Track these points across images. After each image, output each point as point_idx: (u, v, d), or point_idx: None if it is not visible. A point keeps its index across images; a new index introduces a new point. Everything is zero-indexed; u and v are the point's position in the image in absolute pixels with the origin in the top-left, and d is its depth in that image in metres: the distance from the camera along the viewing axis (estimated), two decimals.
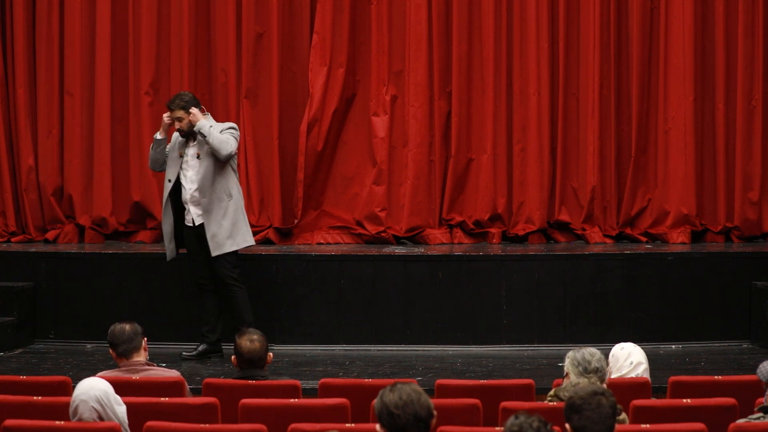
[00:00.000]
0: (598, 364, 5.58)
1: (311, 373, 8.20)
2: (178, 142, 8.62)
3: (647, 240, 10.04)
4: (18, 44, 10.09)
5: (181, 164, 8.56)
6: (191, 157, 8.55)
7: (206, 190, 8.50)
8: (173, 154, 8.61)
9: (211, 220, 8.51)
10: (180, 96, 8.67)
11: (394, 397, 4.10)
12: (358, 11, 10.10)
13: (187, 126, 8.53)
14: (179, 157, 8.57)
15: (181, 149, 8.58)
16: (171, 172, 8.60)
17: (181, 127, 8.55)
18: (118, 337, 6.12)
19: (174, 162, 8.60)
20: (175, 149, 8.61)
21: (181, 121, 8.53)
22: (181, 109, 8.53)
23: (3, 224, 10.17)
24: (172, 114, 8.55)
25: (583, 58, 10.02)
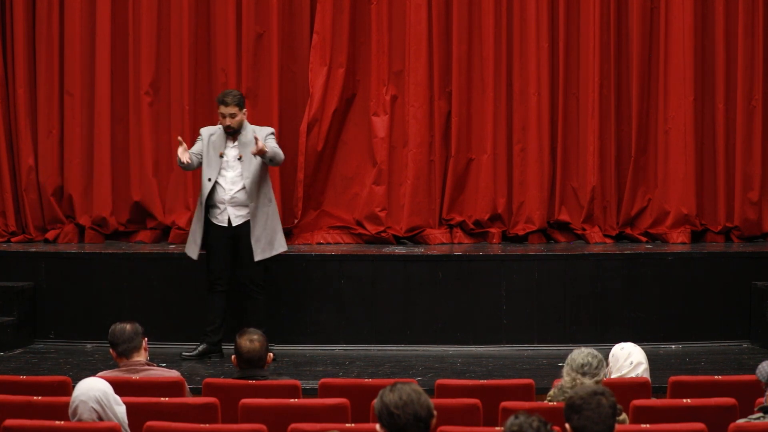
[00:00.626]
0: (595, 360, 5.58)
1: (311, 373, 8.20)
2: (215, 140, 8.57)
3: (647, 240, 10.04)
4: (18, 44, 10.09)
5: (220, 164, 8.53)
6: (232, 158, 8.53)
7: (253, 195, 8.52)
8: (211, 153, 8.56)
9: (257, 224, 8.53)
10: (232, 93, 8.67)
11: (394, 397, 4.10)
12: (358, 11, 10.10)
13: (237, 124, 8.52)
14: (219, 158, 8.52)
15: (220, 149, 8.55)
16: (211, 171, 8.55)
17: (231, 124, 8.52)
18: (119, 337, 6.13)
19: (214, 162, 8.54)
20: (212, 148, 8.57)
21: (233, 117, 8.52)
22: (236, 105, 8.54)
23: (3, 224, 10.17)
24: (227, 109, 8.51)
25: (583, 58, 10.02)
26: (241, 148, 8.54)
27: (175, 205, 10.09)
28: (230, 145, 8.58)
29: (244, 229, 8.55)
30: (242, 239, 8.55)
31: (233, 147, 8.58)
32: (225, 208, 8.54)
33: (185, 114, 10.02)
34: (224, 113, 8.55)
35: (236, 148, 8.57)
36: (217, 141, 8.60)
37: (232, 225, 8.54)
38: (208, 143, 8.60)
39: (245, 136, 8.60)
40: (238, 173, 8.53)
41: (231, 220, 8.55)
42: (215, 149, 8.58)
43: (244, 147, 8.53)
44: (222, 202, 8.54)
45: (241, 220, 8.55)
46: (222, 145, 8.58)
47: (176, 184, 10.10)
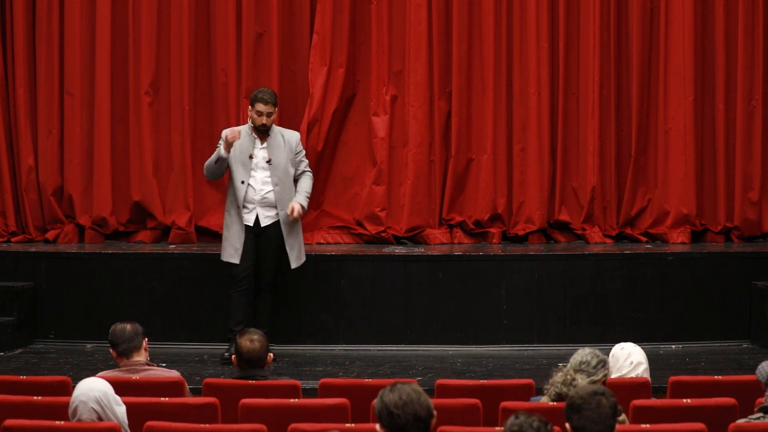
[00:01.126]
0: (595, 360, 5.58)
1: (311, 373, 8.20)
2: (242, 142, 8.47)
3: (647, 240, 10.04)
4: (18, 44, 10.08)
5: (250, 165, 8.49)
6: (261, 160, 8.49)
7: (283, 201, 8.53)
8: (240, 156, 8.49)
9: (291, 232, 8.54)
10: (268, 91, 8.65)
11: (394, 396, 4.10)
12: (358, 11, 10.10)
13: (270, 123, 8.51)
14: (249, 159, 8.48)
15: (249, 150, 8.50)
16: (243, 174, 8.49)
17: (266, 123, 8.49)
18: (119, 337, 6.13)
19: (244, 164, 8.49)
20: (240, 150, 8.48)
21: (270, 116, 8.50)
22: (273, 104, 8.54)
23: (3, 224, 10.17)
24: (265, 107, 8.47)
25: (583, 58, 10.02)
26: (270, 151, 8.51)
27: (175, 205, 10.09)
28: (259, 146, 8.53)
29: (272, 230, 8.52)
30: (268, 240, 8.52)
31: (262, 148, 8.53)
32: (254, 208, 8.50)
33: (185, 114, 10.01)
34: (262, 111, 8.48)
35: (265, 149, 8.53)
36: (245, 142, 8.53)
37: (260, 225, 8.50)
38: (235, 145, 8.48)
39: (274, 138, 8.57)
40: (267, 175, 8.49)
41: (260, 221, 8.51)
42: (243, 151, 8.51)
43: (272, 150, 8.50)
44: (251, 202, 8.49)
45: (269, 221, 8.53)
46: (250, 146, 8.52)
47: (176, 184, 10.10)
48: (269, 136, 8.58)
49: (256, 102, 8.55)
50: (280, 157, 8.54)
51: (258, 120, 8.52)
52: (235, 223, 8.54)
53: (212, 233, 10.11)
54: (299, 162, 8.72)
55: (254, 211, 8.52)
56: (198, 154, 10.12)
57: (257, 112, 8.52)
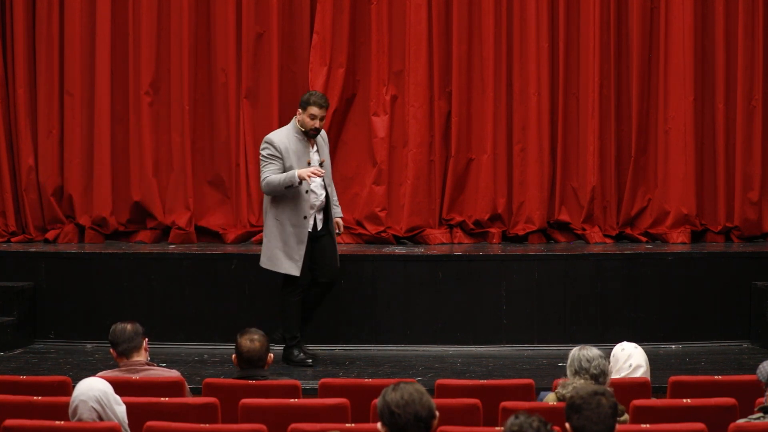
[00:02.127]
0: (596, 371, 5.57)
1: (311, 373, 8.20)
2: (295, 147, 8.31)
3: (647, 240, 10.04)
4: (18, 44, 10.08)
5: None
6: (316, 164, 8.36)
7: (331, 202, 8.48)
8: (294, 160, 8.29)
9: (333, 234, 8.51)
10: (323, 95, 8.56)
11: (396, 396, 4.10)
12: (358, 11, 10.10)
13: (321, 126, 8.42)
14: (308, 165, 8.32)
15: (305, 156, 8.34)
16: (306, 183, 8.24)
17: (317, 127, 8.35)
18: (119, 337, 6.14)
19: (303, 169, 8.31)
20: (297, 157, 8.31)
21: (322, 120, 8.40)
22: (327, 109, 8.48)
23: (3, 224, 10.17)
24: (321, 111, 8.32)
25: (583, 58, 10.02)
26: (321, 153, 8.45)
27: (175, 205, 10.09)
28: (312, 150, 8.42)
29: (323, 233, 8.45)
30: (320, 243, 8.42)
31: (315, 152, 8.43)
32: (313, 213, 8.39)
33: (185, 114, 10.02)
34: (316, 115, 8.30)
35: (317, 153, 8.44)
36: (298, 148, 8.34)
37: (317, 230, 8.41)
38: (288, 154, 8.30)
39: (318, 139, 8.49)
40: (322, 179, 8.40)
41: (317, 225, 8.42)
42: (299, 156, 8.32)
43: (321, 151, 8.45)
44: (312, 207, 8.36)
45: (321, 225, 8.45)
46: (306, 152, 8.37)
47: (176, 184, 10.10)
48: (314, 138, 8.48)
49: (309, 105, 8.32)
50: (327, 157, 8.48)
51: (311, 123, 8.31)
52: (293, 234, 8.30)
53: (212, 233, 10.12)
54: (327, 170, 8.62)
55: (313, 217, 8.40)
56: (198, 154, 10.13)
57: (311, 116, 8.31)
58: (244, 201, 10.07)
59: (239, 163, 10.07)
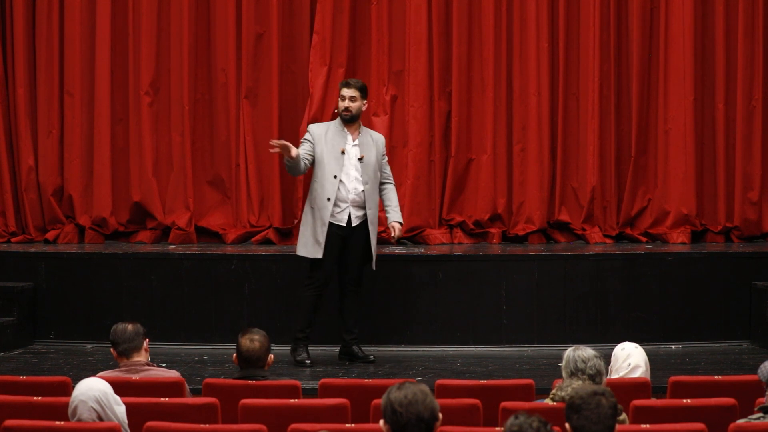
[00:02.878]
0: (592, 371, 5.57)
1: (311, 373, 8.20)
2: (333, 137, 8.34)
3: (647, 240, 10.04)
4: (18, 44, 10.09)
5: (342, 161, 8.34)
6: (354, 157, 8.34)
7: (371, 200, 8.42)
8: (332, 150, 8.31)
9: (373, 233, 8.45)
10: (357, 79, 8.60)
11: (400, 395, 4.11)
12: (358, 11, 10.10)
13: (355, 110, 8.37)
14: (341, 154, 8.34)
15: (341, 145, 8.34)
16: (336, 168, 8.30)
17: (349, 107, 8.33)
18: (120, 336, 6.14)
19: (336, 158, 8.32)
20: (332, 144, 8.33)
21: (353, 101, 8.35)
22: (358, 90, 8.41)
23: (3, 224, 10.18)
24: (348, 91, 8.34)
25: (583, 58, 10.02)
26: (362, 149, 8.39)
27: (175, 205, 10.09)
28: (350, 143, 8.39)
29: (360, 230, 8.40)
30: (355, 240, 8.39)
31: (354, 146, 8.40)
32: (346, 207, 8.35)
33: (185, 114, 10.02)
34: (345, 95, 8.35)
35: (357, 147, 8.40)
36: (335, 137, 8.37)
37: (351, 225, 8.38)
38: (324, 140, 8.34)
39: (364, 136, 8.46)
40: (359, 174, 8.36)
41: (351, 221, 8.38)
42: (335, 146, 8.35)
43: (364, 148, 8.40)
44: (344, 200, 8.33)
45: (358, 222, 8.40)
46: (342, 141, 8.37)
47: (176, 184, 10.10)
48: (360, 133, 8.44)
49: (341, 88, 8.45)
50: (370, 156, 8.40)
51: (342, 104, 8.36)
52: (318, 218, 8.32)
53: (212, 233, 10.12)
54: (383, 165, 8.56)
55: (347, 211, 8.35)
56: (198, 154, 10.13)
57: (341, 97, 8.39)
58: (244, 201, 10.07)
59: (239, 163, 10.07)
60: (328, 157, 8.34)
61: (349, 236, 8.40)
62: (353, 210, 8.39)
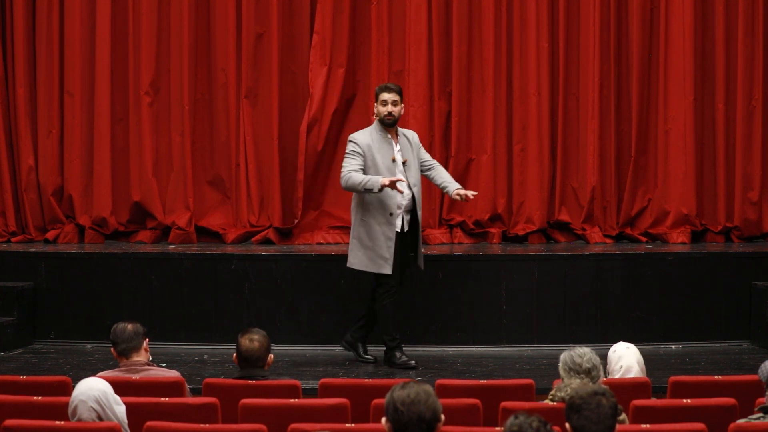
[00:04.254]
0: (589, 364, 5.57)
1: (311, 373, 8.20)
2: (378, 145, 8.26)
3: (647, 240, 10.04)
4: (18, 44, 10.09)
5: (394, 169, 8.27)
6: (399, 162, 8.30)
7: (419, 202, 8.37)
8: (378, 158, 8.25)
9: (419, 233, 8.44)
10: (395, 84, 8.56)
11: (403, 393, 4.11)
12: (358, 11, 10.10)
13: (398, 114, 8.32)
14: (392, 162, 8.27)
15: (389, 153, 8.28)
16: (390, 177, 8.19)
17: (392, 112, 8.28)
18: (119, 336, 6.15)
19: (389, 168, 8.24)
20: (380, 153, 8.26)
21: (396, 105, 8.30)
22: (398, 93, 8.36)
23: (3, 224, 10.18)
24: (390, 95, 8.26)
25: (583, 58, 10.02)
26: (404, 152, 8.34)
27: (175, 205, 10.09)
28: (396, 149, 8.33)
29: (410, 234, 8.38)
30: (405, 243, 8.36)
31: (398, 151, 8.35)
32: (400, 213, 8.31)
33: (185, 114, 10.02)
34: (387, 100, 8.28)
35: (400, 152, 8.35)
36: (382, 146, 8.30)
37: (404, 230, 8.34)
38: (372, 150, 8.28)
39: (401, 139, 8.39)
40: (405, 178, 8.29)
41: (404, 227, 8.34)
42: (383, 154, 8.29)
43: (404, 150, 8.34)
44: (399, 207, 8.29)
45: (408, 226, 8.37)
46: (389, 149, 8.31)
47: (176, 184, 10.10)
48: (399, 137, 8.37)
49: (380, 93, 8.34)
50: (411, 158, 8.37)
51: (383, 110, 8.28)
52: (382, 233, 8.27)
53: (212, 233, 10.12)
54: (423, 155, 8.50)
55: (400, 217, 8.33)
56: (198, 154, 10.13)
57: (382, 102, 8.30)
58: (244, 201, 10.07)
59: (239, 163, 10.07)
60: (381, 168, 8.24)
61: (402, 241, 8.36)
62: (405, 215, 8.36)
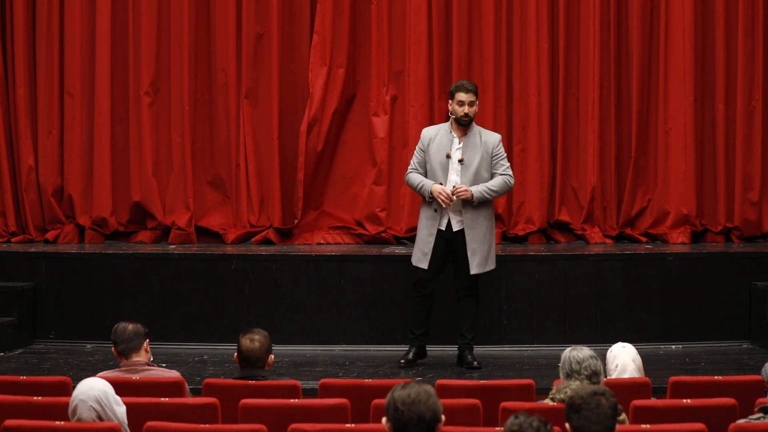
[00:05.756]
0: (587, 371, 5.56)
1: (311, 373, 8.20)
2: (440, 140, 8.27)
3: (647, 240, 10.04)
4: (18, 44, 10.09)
5: (447, 165, 8.25)
6: (455, 161, 8.26)
7: (470, 205, 8.24)
8: (437, 155, 8.26)
9: (475, 236, 8.26)
10: (470, 82, 8.52)
11: (404, 393, 4.11)
12: (358, 11, 10.10)
13: (473, 114, 8.29)
14: (446, 158, 8.26)
15: (447, 149, 8.26)
16: (441, 174, 8.23)
17: (468, 113, 8.23)
18: (120, 336, 6.16)
19: (441, 164, 8.25)
20: (438, 149, 8.28)
21: (472, 105, 8.27)
22: (475, 93, 8.32)
23: (3, 224, 10.18)
24: (467, 96, 8.21)
25: (583, 58, 10.02)
26: (465, 150, 8.27)
27: (175, 205, 10.09)
28: (456, 145, 8.28)
29: (462, 235, 8.28)
30: (459, 246, 8.28)
31: (458, 149, 8.28)
32: (446, 212, 8.28)
33: (185, 114, 10.02)
34: (464, 100, 8.22)
35: (460, 150, 8.28)
36: (443, 141, 8.29)
37: (452, 230, 8.28)
38: (430, 144, 8.30)
39: (471, 138, 8.31)
40: (458, 177, 8.25)
41: (452, 225, 8.28)
42: (441, 150, 8.28)
43: (467, 150, 8.26)
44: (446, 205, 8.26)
45: (460, 226, 8.28)
46: (448, 144, 8.28)
47: (176, 184, 10.10)
48: (467, 135, 8.31)
49: (456, 92, 8.27)
50: (472, 158, 8.25)
51: (460, 110, 8.23)
52: (426, 227, 8.30)
53: (212, 233, 10.12)
54: (496, 164, 8.30)
55: (446, 216, 8.28)
56: (198, 154, 10.14)
57: (459, 102, 8.24)
58: (244, 201, 10.07)
59: (239, 163, 10.07)
60: (434, 163, 8.28)
61: (452, 241, 8.30)
62: (452, 215, 8.29)
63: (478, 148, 8.29)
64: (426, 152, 8.32)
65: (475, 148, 8.29)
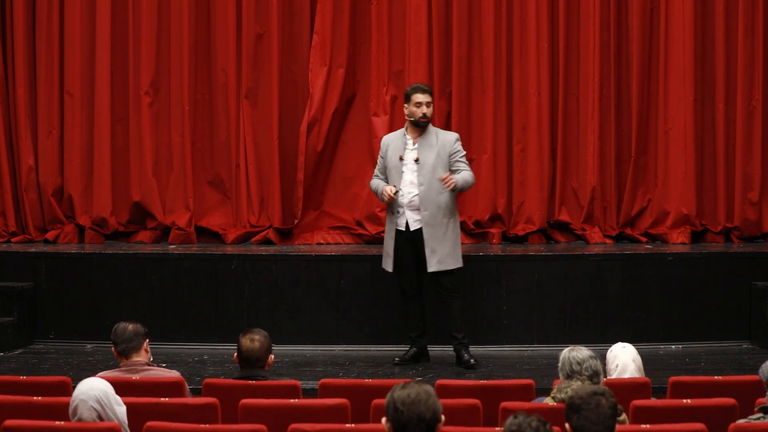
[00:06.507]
0: (588, 372, 5.56)
1: (311, 373, 8.20)
2: (396, 144, 8.37)
3: (647, 240, 10.04)
4: (18, 44, 10.09)
5: (401, 167, 8.31)
6: (411, 161, 8.30)
7: (427, 203, 8.27)
8: (392, 158, 8.34)
9: (433, 235, 8.28)
10: (426, 84, 8.60)
11: (404, 393, 4.11)
12: (358, 11, 10.10)
13: (431, 114, 8.35)
14: (399, 161, 8.32)
15: (400, 151, 8.34)
16: (396, 178, 8.31)
17: (426, 114, 8.29)
18: (119, 336, 6.16)
19: (395, 167, 8.33)
20: (393, 153, 8.36)
21: (429, 105, 8.33)
22: (431, 95, 8.41)
23: (3, 224, 10.18)
24: (424, 97, 8.29)
25: (583, 58, 10.02)
26: (420, 150, 8.32)
27: (175, 205, 10.10)
28: (410, 147, 8.34)
29: (421, 235, 8.32)
30: (421, 245, 8.32)
31: (413, 149, 8.34)
32: (403, 212, 8.32)
33: (185, 114, 10.02)
34: (421, 101, 8.30)
35: (416, 150, 8.33)
36: (398, 144, 8.39)
37: (410, 229, 8.33)
38: (387, 150, 8.41)
39: (426, 138, 8.36)
40: (415, 177, 8.31)
41: (409, 225, 8.33)
42: (395, 153, 8.37)
43: (422, 149, 8.31)
44: (401, 206, 8.31)
45: (419, 225, 8.32)
46: (401, 147, 8.37)
47: (176, 184, 10.10)
48: (422, 136, 8.36)
49: (413, 94, 8.34)
50: (428, 157, 8.30)
51: (418, 111, 8.30)
52: (389, 231, 8.42)
53: (212, 233, 10.12)
54: (455, 162, 8.35)
55: (404, 216, 8.33)
56: (198, 154, 10.14)
57: (416, 104, 8.31)
58: (244, 201, 10.08)
59: (239, 163, 10.07)
60: (390, 166, 8.38)
61: (414, 241, 8.34)
62: (410, 214, 8.33)
63: (433, 147, 8.35)
64: (385, 158, 8.43)
65: (431, 147, 8.34)
